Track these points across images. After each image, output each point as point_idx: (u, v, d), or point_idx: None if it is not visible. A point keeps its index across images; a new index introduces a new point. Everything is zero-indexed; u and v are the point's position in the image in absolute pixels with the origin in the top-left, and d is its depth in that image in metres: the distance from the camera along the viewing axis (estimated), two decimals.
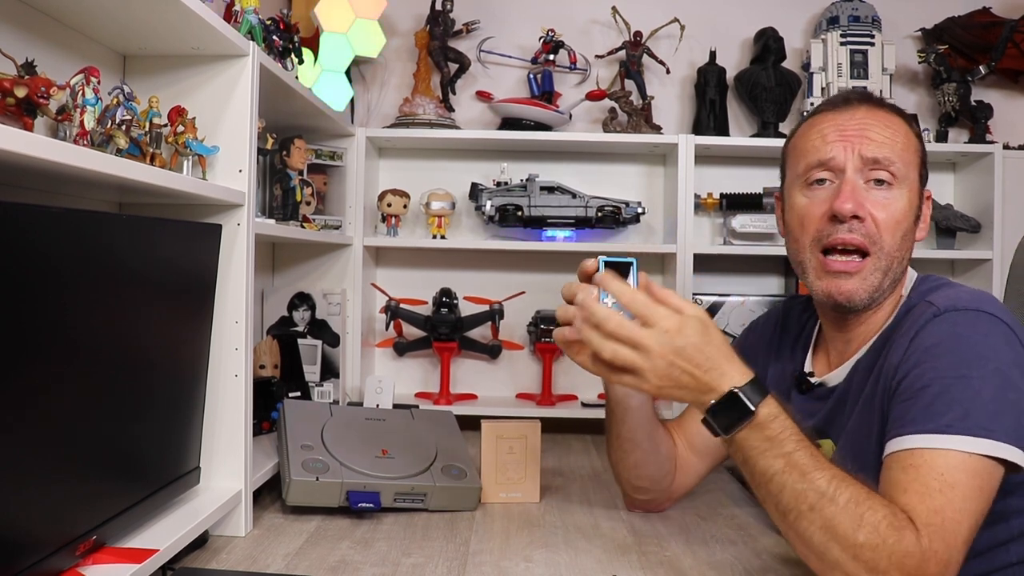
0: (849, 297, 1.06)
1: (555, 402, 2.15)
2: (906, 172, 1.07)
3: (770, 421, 0.92)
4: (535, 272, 2.24)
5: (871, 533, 0.84)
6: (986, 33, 2.23)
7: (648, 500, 1.35)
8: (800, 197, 1.11)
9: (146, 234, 1.03)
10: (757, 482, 0.93)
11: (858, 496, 0.87)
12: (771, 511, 0.93)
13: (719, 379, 0.93)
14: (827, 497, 0.87)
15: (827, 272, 1.07)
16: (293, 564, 1.12)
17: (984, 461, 0.88)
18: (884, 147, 1.06)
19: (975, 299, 0.99)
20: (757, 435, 0.92)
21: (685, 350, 0.92)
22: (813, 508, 0.87)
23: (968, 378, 0.92)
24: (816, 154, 1.09)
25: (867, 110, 1.09)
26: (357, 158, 2.07)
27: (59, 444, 0.88)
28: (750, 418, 0.92)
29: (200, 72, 1.25)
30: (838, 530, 0.86)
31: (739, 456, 0.95)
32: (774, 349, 1.28)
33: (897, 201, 1.06)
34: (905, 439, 0.92)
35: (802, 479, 0.89)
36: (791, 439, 0.91)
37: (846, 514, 0.86)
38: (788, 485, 0.89)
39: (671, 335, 0.92)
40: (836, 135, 1.08)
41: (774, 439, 0.91)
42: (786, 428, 0.92)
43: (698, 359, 0.92)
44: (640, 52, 2.23)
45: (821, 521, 0.87)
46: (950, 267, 2.25)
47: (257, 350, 1.79)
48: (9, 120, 0.80)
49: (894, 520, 0.85)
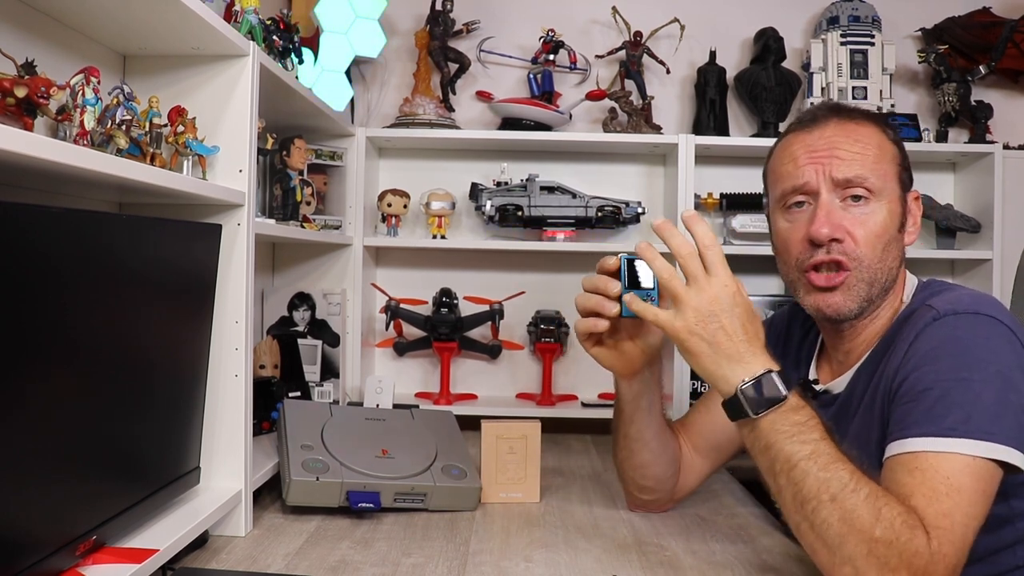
0: (837, 310, 1.08)
1: (555, 402, 2.14)
2: (883, 184, 1.07)
3: (799, 408, 0.93)
4: (535, 272, 2.24)
5: (888, 528, 0.84)
6: (986, 33, 2.23)
7: (651, 500, 1.35)
8: (782, 221, 1.13)
9: (146, 234, 1.03)
10: (779, 469, 0.92)
11: (877, 491, 0.87)
12: (787, 500, 0.92)
13: (751, 357, 0.94)
14: (850, 488, 0.87)
15: (814, 287, 1.09)
16: (293, 564, 1.12)
17: (986, 464, 0.89)
18: (855, 165, 1.06)
19: (975, 302, 0.99)
20: (787, 419, 0.92)
21: (734, 310, 0.95)
22: (835, 498, 0.87)
23: (969, 381, 0.92)
24: (790, 180, 1.10)
25: (836, 125, 1.10)
26: (357, 158, 2.07)
27: (59, 444, 0.88)
28: (783, 402, 0.92)
29: (200, 72, 1.25)
30: (857, 522, 0.85)
31: (761, 442, 0.94)
32: (778, 357, 1.28)
33: (875, 215, 1.07)
34: (907, 442, 0.92)
35: (827, 468, 0.89)
36: (817, 428, 0.92)
37: (867, 507, 0.86)
38: (812, 472, 0.89)
39: (729, 291, 0.95)
40: (807, 158, 1.09)
41: (803, 424, 0.92)
42: (813, 417, 0.93)
43: (741, 327, 0.95)
44: (640, 52, 2.23)
45: (841, 512, 0.87)
46: (950, 267, 2.25)
47: (257, 350, 1.79)
48: (9, 120, 0.80)
49: (908, 519, 0.85)
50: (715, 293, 0.95)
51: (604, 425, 1.34)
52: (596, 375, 1.83)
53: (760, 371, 0.94)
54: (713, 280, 0.96)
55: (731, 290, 0.95)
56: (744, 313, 0.95)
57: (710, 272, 0.96)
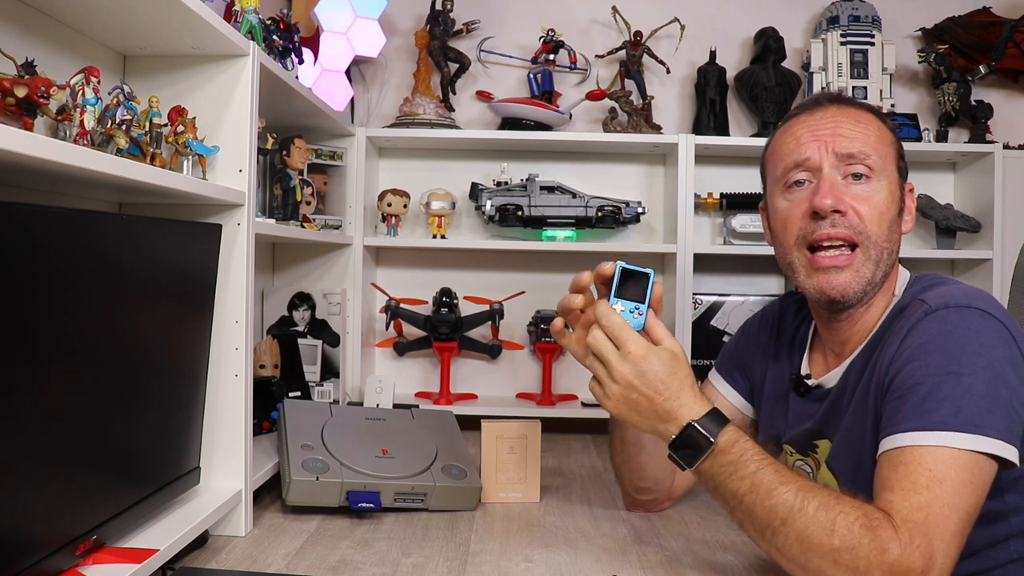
0: (843, 292, 1.06)
1: (555, 402, 2.15)
2: (883, 164, 1.07)
3: (730, 447, 0.96)
4: (535, 272, 2.24)
5: (845, 535, 0.86)
6: (986, 33, 2.23)
7: (649, 500, 1.35)
8: (781, 200, 1.12)
9: (146, 234, 1.03)
10: (731, 506, 0.97)
11: (827, 502, 0.89)
12: (750, 533, 0.96)
13: (678, 409, 0.99)
14: (796, 509, 0.90)
15: (817, 269, 1.07)
16: (293, 564, 1.12)
17: (975, 457, 0.89)
18: (857, 141, 1.06)
19: (967, 296, 0.99)
20: (720, 461, 0.97)
21: (646, 375, 0.99)
22: (785, 522, 0.90)
23: (959, 375, 0.92)
24: (792, 156, 1.10)
25: (837, 108, 1.10)
26: (357, 158, 2.07)
27: (59, 444, 0.88)
28: (711, 448, 0.97)
29: (200, 72, 1.25)
30: (812, 539, 0.88)
31: (710, 485, 1.00)
32: (771, 352, 1.27)
33: (878, 193, 1.06)
34: (896, 437, 0.92)
35: (769, 496, 0.92)
36: (753, 459, 0.95)
37: (817, 522, 0.88)
38: (757, 504, 0.93)
39: (635, 360, 0.99)
40: (809, 136, 1.09)
41: (736, 462, 0.95)
42: (747, 450, 0.96)
43: (658, 387, 0.99)
44: (640, 52, 2.23)
45: (795, 534, 0.89)
46: (950, 267, 2.25)
47: (257, 350, 1.79)
48: (9, 120, 0.80)
49: (866, 520, 0.86)
50: (625, 370, 1.00)
51: (604, 425, 1.34)
52: None
53: (684, 424, 0.98)
54: (623, 358, 1.00)
55: (637, 356, 0.99)
56: (660, 369, 0.99)
57: (620, 347, 1.00)
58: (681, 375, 1.00)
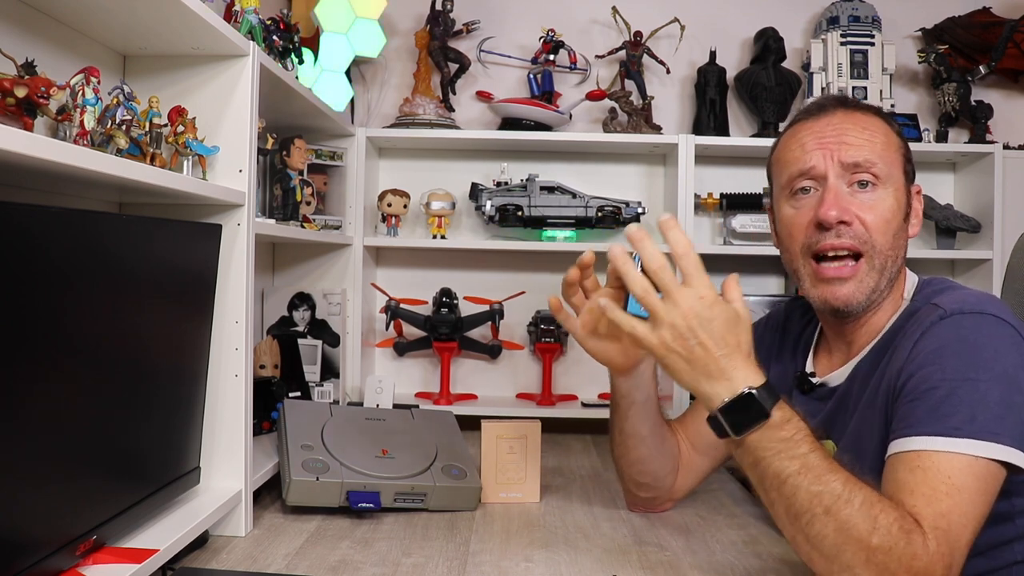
0: (846, 302, 1.06)
1: (555, 402, 2.15)
2: (889, 171, 1.07)
3: (784, 423, 0.90)
4: (535, 272, 2.24)
5: (885, 536, 0.84)
6: (986, 33, 2.23)
7: (650, 498, 1.34)
8: (787, 208, 1.12)
9: (146, 234, 1.03)
10: (768, 485, 0.91)
11: (871, 498, 0.87)
12: (780, 514, 0.92)
13: (733, 371, 0.90)
14: (843, 499, 0.86)
15: (821, 280, 1.07)
16: (293, 564, 1.12)
17: (989, 464, 0.89)
18: (863, 149, 1.06)
19: (981, 302, 0.99)
20: (771, 436, 0.90)
21: (712, 323, 0.89)
22: (829, 511, 0.86)
23: (975, 381, 0.92)
24: (797, 164, 1.09)
25: (844, 114, 1.10)
26: (357, 158, 2.07)
27: (59, 444, 0.88)
28: (764, 420, 0.90)
29: (200, 72, 1.25)
30: (853, 532, 0.85)
31: (748, 458, 0.92)
32: (775, 351, 1.28)
33: (883, 201, 1.06)
34: (911, 440, 0.91)
35: (817, 481, 0.87)
36: (805, 441, 0.90)
37: (861, 516, 0.85)
38: (803, 487, 0.88)
39: (705, 303, 0.90)
40: (815, 143, 1.08)
41: (789, 440, 0.89)
42: (800, 429, 0.91)
43: (719, 340, 0.90)
44: (640, 52, 2.23)
45: (836, 523, 0.86)
46: (950, 267, 2.25)
47: (257, 350, 1.79)
48: (9, 120, 0.80)
49: (904, 523, 0.85)
50: (690, 306, 0.89)
51: (604, 425, 1.34)
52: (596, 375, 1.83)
53: (741, 389, 0.90)
54: (687, 292, 0.90)
55: (708, 300, 0.90)
56: (724, 323, 0.90)
57: (686, 282, 0.91)
58: (743, 338, 0.92)
